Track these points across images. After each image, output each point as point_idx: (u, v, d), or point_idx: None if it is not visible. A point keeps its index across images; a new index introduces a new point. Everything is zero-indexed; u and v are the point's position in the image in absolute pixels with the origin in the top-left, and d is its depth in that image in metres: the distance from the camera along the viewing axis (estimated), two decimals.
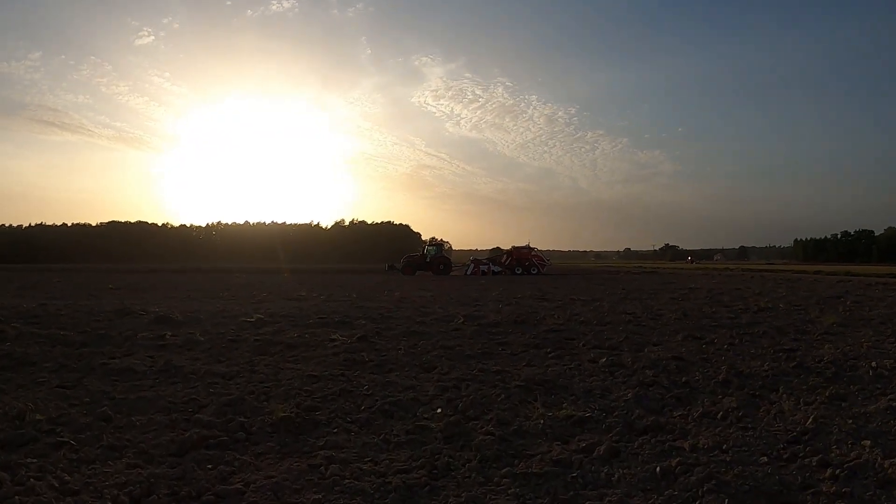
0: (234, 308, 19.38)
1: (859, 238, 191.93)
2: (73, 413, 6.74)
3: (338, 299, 24.11)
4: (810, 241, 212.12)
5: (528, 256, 64.59)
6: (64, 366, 9.53)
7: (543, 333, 13.77)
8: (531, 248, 65.89)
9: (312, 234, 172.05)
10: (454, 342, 12.31)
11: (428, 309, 19.75)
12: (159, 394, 7.71)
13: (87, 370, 9.25)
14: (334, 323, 15.26)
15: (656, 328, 15.03)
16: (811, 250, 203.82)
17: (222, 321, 15.56)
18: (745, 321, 16.40)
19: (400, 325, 14.89)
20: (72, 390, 7.92)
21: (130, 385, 8.30)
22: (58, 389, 7.93)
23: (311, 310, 18.97)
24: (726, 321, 16.42)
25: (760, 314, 18.46)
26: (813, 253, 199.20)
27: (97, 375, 8.91)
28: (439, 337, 13.13)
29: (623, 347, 11.93)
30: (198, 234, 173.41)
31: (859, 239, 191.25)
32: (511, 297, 25.70)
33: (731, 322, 16.19)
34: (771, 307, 20.57)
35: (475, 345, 11.99)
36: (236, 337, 12.57)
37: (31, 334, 12.53)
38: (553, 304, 22.43)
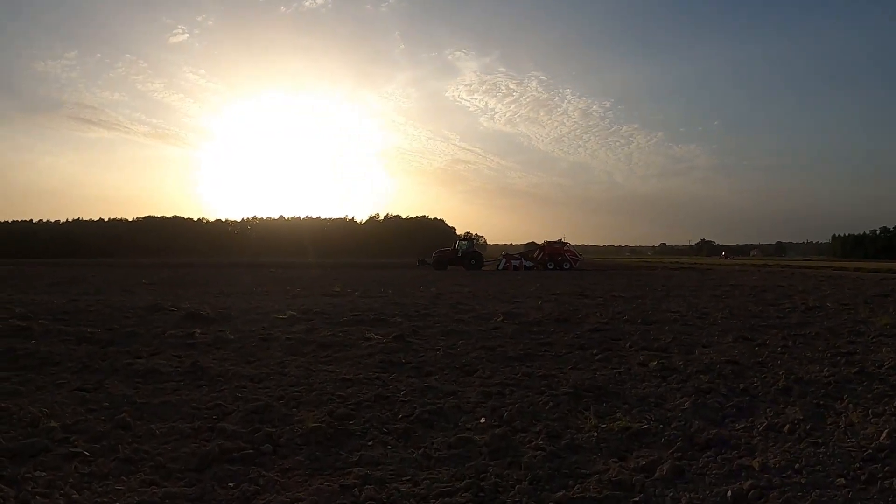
0: (267, 304, 18.96)
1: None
2: (90, 420, 6.27)
3: (373, 295, 23.65)
4: (849, 236, 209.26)
5: (561, 251, 63.69)
6: (87, 366, 9.08)
7: (587, 333, 13.18)
8: (564, 243, 65.01)
9: (347, 228, 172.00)
10: (495, 342, 11.74)
11: (465, 306, 19.23)
12: (183, 398, 7.22)
13: (111, 371, 8.79)
14: (369, 320, 14.75)
15: (704, 328, 14.37)
16: (849, 246, 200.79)
17: (254, 318, 15.11)
18: (795, 321, 15.66)
19: (438, 324, 14.37)
20: (92, 393, 7.45)
21: (154, 388, 7.83)
22: (77, 392, 7.47)
23: (346, 306, 18.50)
24: (775, 321, 15.72)
25: (809, 314, 17.67)
26: (851, 249, 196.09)
27: (120, 377, 8.45)
28: (479, 336, 12.57)
29: (672, 349, 11.30)
30: (233, 229, 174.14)
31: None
32: (550, 294, 25.10)
33: (780, 322, 15.47)
34: (819, 306, 19.73)
35: (517, 345, 11.40)
36: (267, 335, 12.09)
37: (58, 331, 12.18)
38: (594, 301, 21.78)
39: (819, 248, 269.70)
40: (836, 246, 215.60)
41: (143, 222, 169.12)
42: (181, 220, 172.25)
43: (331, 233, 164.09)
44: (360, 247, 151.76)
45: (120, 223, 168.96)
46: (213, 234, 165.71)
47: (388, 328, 13.47)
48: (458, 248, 61.40)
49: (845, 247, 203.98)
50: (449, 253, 61.07)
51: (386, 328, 13.44)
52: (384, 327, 13.64)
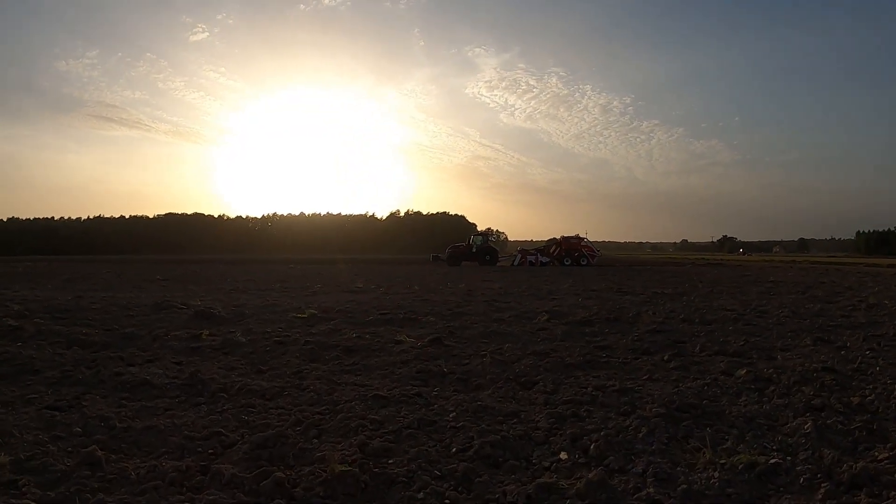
0: (285, 302, 17.46)
1: None
2: (52, 452, 4.83)
3: (398, 292, 22.11)
4: (873, 233, 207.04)
5: (578, 247, 61.62)
6: (69, 376, 7.57)
7: (646, 335, 11.60)
8: (581, 238, 62.89)
9: (368, 224, 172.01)
10: (545, 346, 10.22)
11: (501, 303, 17.71)
12: (175, 422, 5.71)
13: (95, 383, 7.29)
14: (399, 320, 13.23)
15: (770, 328, 12.84)
16: (874, 243, 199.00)
17: (270, 317, 13.62)
18: (864, 320, 14.17)
19: (476, 324, 12.82)
20: (64, 414, 5.97)
21: (141, 406, 6.32)
22: (47, 412, 5.98)
23: (371, 304, 17.01)
24: (842, 320, 14.20)
25: (873, 312, 16.13)
26: (876, 246, 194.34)
27: (105, 390, 6.98)
28: (525, 339, 11.06)
29: (750, 354, 9.77)
30: (254, 226, 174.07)
31: None
32: (587, 290, 23.55)
33: (848, 321, 13.95)
34: (878, 303, 18.16)
35: (572, 350, 9.86)
36: (284, 338, 10.59)
37: (51, 332, 10.79)
38: (637, 298, 20.23)
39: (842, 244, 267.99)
40: (860, 242, 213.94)
41: (163, 219, 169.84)
42: (202, 216, 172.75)
43: (351, 229, 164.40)
44: (381, 243, 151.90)
45: (141, 220, 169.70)
46: (234, 231, 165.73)
47: (421, 329, 12.01)
48: (472, 244, 59.81)
49: (869, 243, 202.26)
50: (463, 248, 59.48)
51: (419, 329, 11.96)
52: (416, 328, 12.16)
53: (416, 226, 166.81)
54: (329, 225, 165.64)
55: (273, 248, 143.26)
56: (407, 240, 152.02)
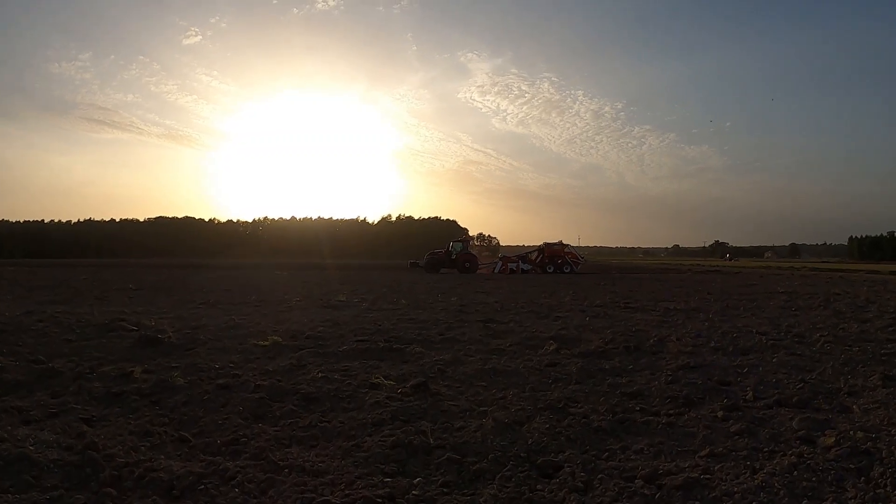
0: (252, 322, 15.25)
1: None
2: None
3: (383, 308, 19.90)
4: (866, 238, 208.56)
5: (561, 254, 59.75)
6: None
7: (680, 373, 9.54)
8: (564, 245, 61.12)
9: (359, 229, 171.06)
10: (560, 392, 8.10)
11: (499, 324, 15.59)
12: None
13: None
14: (378, 350, 11.05)
15: (818, 359, 10.90)
16: (866, 248, 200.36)
17: (226, 345, 11.44)
18: None
19: (471, 357, 10.68)
20: None
21: None
22: None
23: (349, 325, 14.84)
24: (892, 346, 12.32)
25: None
26: (869, 251, 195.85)
27: None
28: (534, 381, 8.94)
29: (816, 402, 7.75)
30: (244, 230, 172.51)
31: None
32: (591, 305, 21.45)
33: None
34: None
35: (595, 399, 7.78)
36: (232, 379, 8.44)
37: None
38: (648, 315, 18.19)
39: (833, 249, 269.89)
40: (852, 248, 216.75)
41: (154, 223, 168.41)
42: (192, 220, 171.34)
43: (342, 233, 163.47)
44: (373, 248, 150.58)
45: (131, 224, 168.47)
46: (225, 235, 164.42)
47: (403, 364, 9.90)
48: (451, 250, 57.79)
49: (862, 249, 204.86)
50: (441, 255, 57.57)
51: (401, 366, 9.79)
52: (398, 363, 10.02)
53: (407, 230, 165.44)
54: (320, 229, 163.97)
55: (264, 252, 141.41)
56: (398, 244, 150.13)
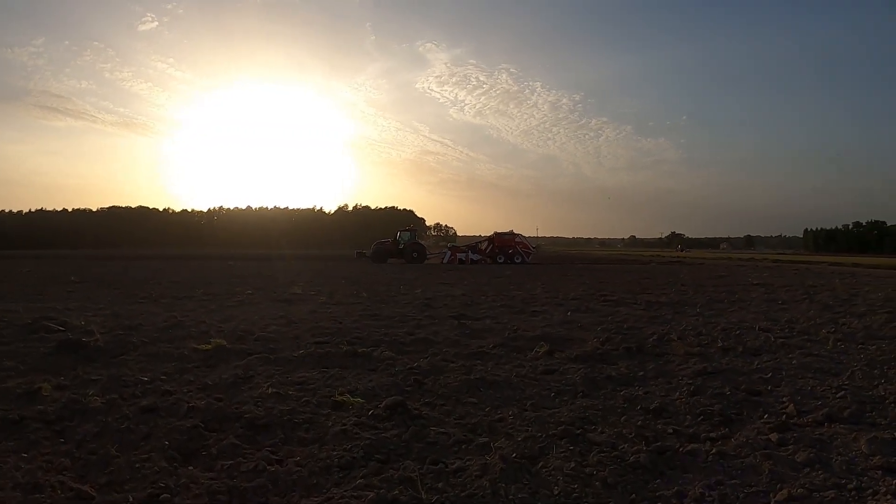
0: (196, 318, 13.46)
1: (871, 229, 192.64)
2: None
3: (342, 301, 18.17)
4: (821, 231, 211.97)
5: (512, 244, 58.22)
6: None
7: (698, 380, 8.17)
8: (515, 235, 59.41)
9: (315, 219, 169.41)
10: (570, 412, 6.54)
11: (473, 321, 14.04)
12: None
13: None
14: (340, 356, 9.29)
15: (838, 359, 9.87)
16: (822, 240, 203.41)
17: (160, 351, 9.58)
18: None
19: (451, 363, 9.06)
20: None
21: None
22: None
23: (305, 322, 13.14)
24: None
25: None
26: (824, 243, 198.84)
27: None
28: (532, 393, 7.42)
29: (872, 419, 6.52)
30: (199, 220, 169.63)
31: (871, 230, 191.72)
32: (566, 298, 20.05)
33: None
34: None
35: (616, 421, 6.31)
36: (161, 398, 6.69)
37: None
38: (631, 309, 16.90)
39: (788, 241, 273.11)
40: (807, 240, 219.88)
41: (107, 213, 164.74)
42: (146, 210, 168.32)
43: (299, 224, 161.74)
44: (329, 237, 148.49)
45: (84, 214, 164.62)
46: (179, 225, 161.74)
47: (372, 374, 8.23)
48: (399, 240, 56.55)
49: (817, 241, 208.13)
50: (389, 245, 56.35)
51: (369, 374, 8.15)
52: (365, 372, 8.34)
53: (364, 220, 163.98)
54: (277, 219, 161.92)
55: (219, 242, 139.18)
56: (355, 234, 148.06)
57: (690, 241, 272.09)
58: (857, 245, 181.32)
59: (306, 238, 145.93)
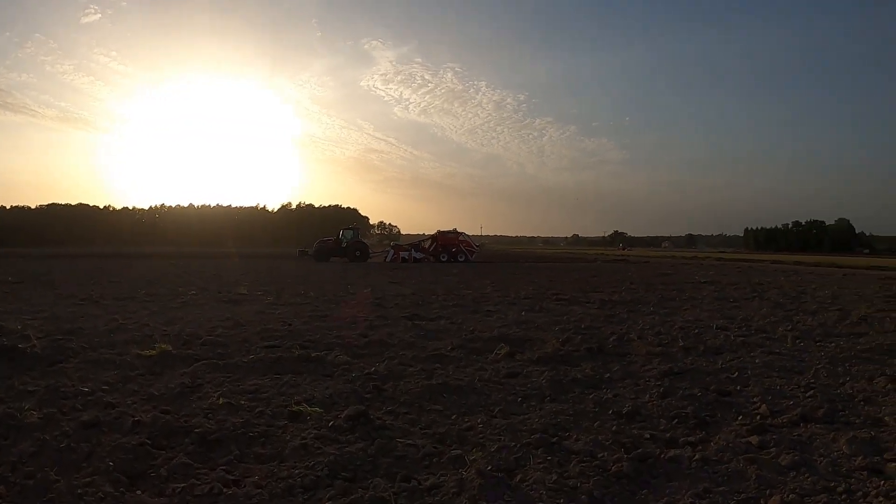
0: (139, 321, 12.81)
1: (810, 228, 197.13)
2: None
3: (290, 302, 17.67)
4: (761, 230, 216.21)
5: (455, 242, 57.96)
6: None
7: (665, 381, 8.05)
8: (459, 234, 59.24)
9: (259, 217, 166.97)
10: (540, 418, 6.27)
11: (428, 321, 13.74)
12: None
13: None
14: (293, 360, 8.84)
15: (806, 360, 9.77)
16: (762, 239, 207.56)
17: (101, 357, 8.92)
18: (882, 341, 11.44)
19: (410, 366, 8.73)
20: None
21: None
22: None
23: (254, 324, 12.63)
24: (863, 342, 11.60)
25: (863, 326, 13.77)
26: (764, 242, 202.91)
27: None
28: (498, 398, 7.14)
29: (846, 417, 6.54)
30: (141, 217, 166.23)
31: (810, 229, 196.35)
32: (518, 297, 19.90)
33: (869, 344, 11.18)
34: (866, 316, 15.48)
35: (590, 427, 6.10)
36: (103, 412, 6.15)
37: None
38: (585, 308, 16.80)
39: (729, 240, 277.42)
40: (748, 239, 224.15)
41: (46, 210, 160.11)
42: (86, 207, 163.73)
43: (242, 222, 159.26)
44: (273, 236, 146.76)
45: (22, 211, 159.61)
46: (121, 223, 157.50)
47: (328, 380, 7.80)
48: (341, 238, 55.91)
49: (758, 240, 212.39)
50: (332, 243, 55.66)
51: (325, 382, 7.68)
52: (321, 379, 7.92)
53: (308, 218, 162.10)
54: (219, 217, 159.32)
55: (161, 241, 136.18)
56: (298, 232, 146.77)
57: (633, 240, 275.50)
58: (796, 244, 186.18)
59: (250, 236, 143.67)
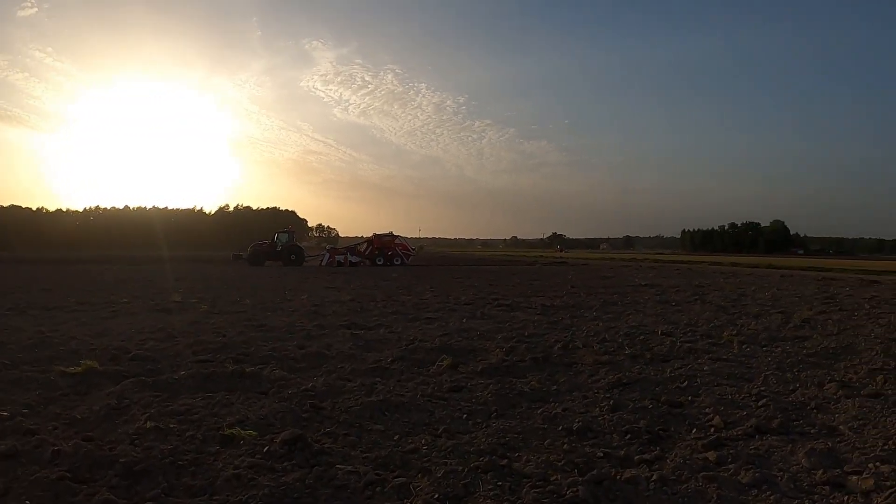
0: (66, 333, 12.16)
1: (746, 230, 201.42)
2: None
3: (225, 310, 17.07)
4: (698, 231, 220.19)
5: (392, 245, 57.76)
6: None
7: (614, 392, 7.95)
8: (395, 237, 59.05)
9: (196, 219, 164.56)
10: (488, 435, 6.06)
11: (366, 330, 13.40)
12: None
13: None
14: (226, 376, 8.38)
15: (753, 366, 9.81)
16: (698, 241, 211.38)
17: (23, 376, 8.31)
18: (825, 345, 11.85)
19: (349, 381, 8.33)
20: None
21: None
22: None
23: (187, 336, 12.09)
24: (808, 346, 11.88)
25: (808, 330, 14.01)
26: (701, 243, 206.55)
27: None
28: (443, 415, 6.87)
29: (801, 427, 6.50)
30: (75, 220, 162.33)
31: (746, 231, 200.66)
32: (458, 303, 19.64)
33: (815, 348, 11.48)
34: (813, 319, 15.90)
35: (539, 445, 5.89)
36: (21, 440, 5.61)
37: None
38: (528, 314, 16.71)
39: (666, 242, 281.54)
40: (685, 240, 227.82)
41: None
42: (18, 209, 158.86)
43: (179, 224, 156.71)
44: (210, 239, 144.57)
45: None
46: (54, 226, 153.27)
47: (262, 400, 7.30)
48: (276, 242, 55.23)
49: (694, 241, 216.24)
50: (266, 247, 54.88)
51: (260, 401, 7.25)
52: (255, 397, 7.50)
53: (245, 221, 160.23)
54: (155, 219, 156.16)
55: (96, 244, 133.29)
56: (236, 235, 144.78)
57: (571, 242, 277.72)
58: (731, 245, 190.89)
59: (186, 239, 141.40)
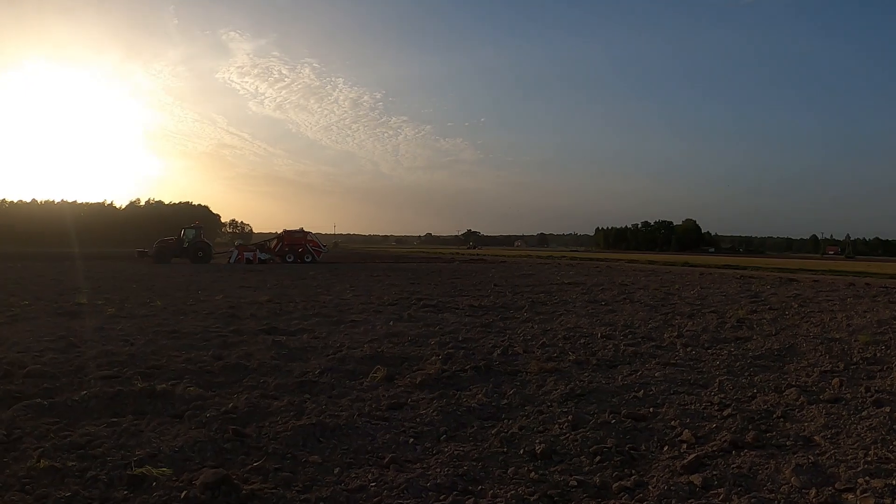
0: None
1: (659, 228, 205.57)
2: None
3: (134, 313, 15.69)
4: (611, 229, 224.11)
5: (302, 242, 56.60)
6: None
7: (570, 406, 7.35)
8: (306, 233, 57.76)
9: (106, 214, 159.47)
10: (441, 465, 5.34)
11: (289, 336, 12.35)
12: None
13: None
14: (135, 396, 7.26)
15: (704, 371, 9.65)
16: (612, 239, 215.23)
17: None
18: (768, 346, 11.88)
19: (276, 400, 7.37)
20: None
21: None
22: None
23: (91, 346, 10.83)
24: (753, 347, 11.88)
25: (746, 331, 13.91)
26: (614, 241, 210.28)
27: None
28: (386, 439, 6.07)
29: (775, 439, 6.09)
30: None
31: (659, 229, 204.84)
32: (381, 304, 18.81)
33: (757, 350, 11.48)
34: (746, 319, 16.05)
35: (503, 475, 5.24)
36: None
37: None
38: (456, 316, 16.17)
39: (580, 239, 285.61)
40: (598, 238, 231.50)
41: None
42: None
43: (88, 219, 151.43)
44: (120, 235, 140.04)
45: None
46: None
47: (177, 426, 6.30)
48: (183, 238, 53.26)
49: (608, 239, 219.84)
50: (173, 243, 52.89)
51: (174, 427, 6.24)
52: (168, 422, 6.45)
53: (157, 216, 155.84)
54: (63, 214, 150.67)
55: None
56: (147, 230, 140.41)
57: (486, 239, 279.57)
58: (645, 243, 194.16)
59: (95, 234, 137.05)
